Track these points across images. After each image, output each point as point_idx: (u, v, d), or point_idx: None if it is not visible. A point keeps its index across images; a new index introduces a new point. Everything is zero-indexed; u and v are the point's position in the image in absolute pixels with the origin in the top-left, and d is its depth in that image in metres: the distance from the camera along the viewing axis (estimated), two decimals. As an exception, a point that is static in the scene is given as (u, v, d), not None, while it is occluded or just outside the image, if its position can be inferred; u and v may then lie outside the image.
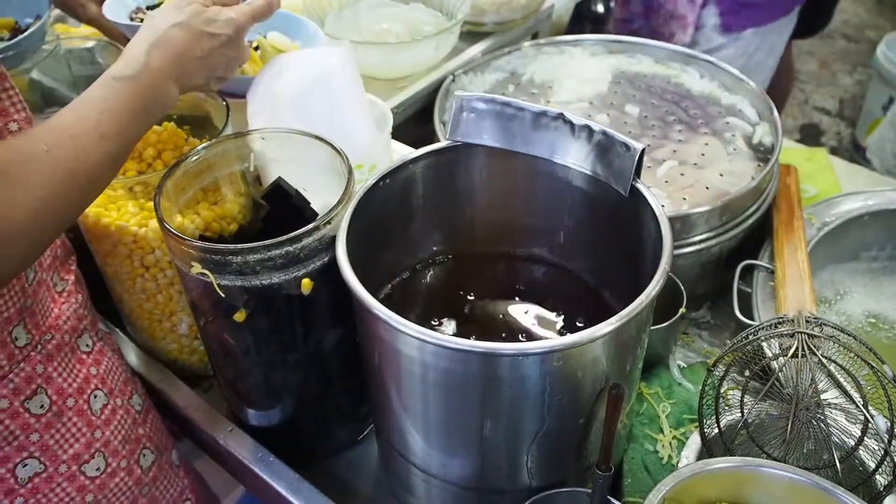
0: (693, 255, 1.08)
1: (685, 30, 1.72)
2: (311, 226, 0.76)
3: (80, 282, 0.91)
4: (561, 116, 0.84)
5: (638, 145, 0.79)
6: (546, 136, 0.85)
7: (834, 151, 3.10)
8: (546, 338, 0.86)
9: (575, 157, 0.84)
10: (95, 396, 0.87)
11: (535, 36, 1.62)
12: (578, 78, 1.36)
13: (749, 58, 1.78)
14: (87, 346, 0.88)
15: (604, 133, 0.82)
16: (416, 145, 1.27)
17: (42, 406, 0.82)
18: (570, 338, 0.65)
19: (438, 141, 1.22)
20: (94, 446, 0.87)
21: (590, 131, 0.83)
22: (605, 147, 0.82)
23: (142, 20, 1.05)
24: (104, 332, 0.93)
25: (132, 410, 0.92)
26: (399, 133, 1.32)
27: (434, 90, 1.35)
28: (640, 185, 0.80)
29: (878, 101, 2.82)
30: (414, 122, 1.39)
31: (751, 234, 1.13)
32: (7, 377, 0.78)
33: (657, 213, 0.76)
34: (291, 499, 0.89)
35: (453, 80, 1.34)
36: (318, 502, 0.88)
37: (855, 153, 2.94)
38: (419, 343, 0.68)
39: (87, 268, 1.00)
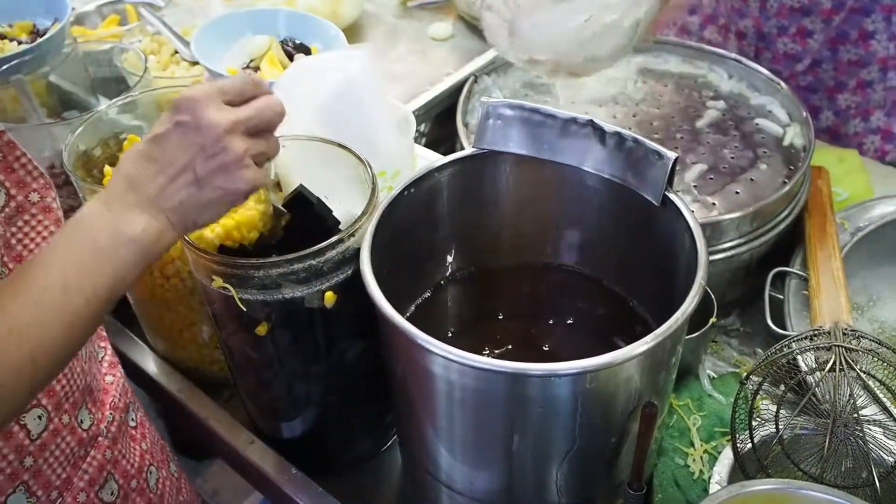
0: (723, 263, 1.05)
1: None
2: (334, 238, 0.74)
3: (114, 349, 0.86)
4: (591, 123, 0.81)
5: (671, 154, 0.77)
6: (575, 144, 0.83)
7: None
8: (577, 356, 0.84)
9: (605, 166, 0.82)
10: (150, 472, 0.84)
11: (558, 34, 1.59)
12: (603, 77, 1.33)
13: None
14: (133, 420, 0.85)
15: (635, 140, 0.79)
16: (438, 147, 1.25)
17: (112, 493, 0.78)
18: (604, 358, 0.63)
19: (461, 142, 1.21)
20: None
21: (620, 139, 0.80)
22: (636, 155, 0.80)
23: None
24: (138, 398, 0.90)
25: (173, 478, 0.90)
26: (421, 135, 1.31)
27: (456, 91, 1.32)
28: (672, 196, 0.78)
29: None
30: (436, 125, 1.37)
31: (782, 240, 1.10)
32: (81, 467, 0.75)
33: (691, 226, 0.74)
34: (314, 513, 0.88)
35: (476, 82, 1.31)
36: (341, 516, 0.87)
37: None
38: (446, 362, 0.66)
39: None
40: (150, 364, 1.03)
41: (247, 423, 0.98)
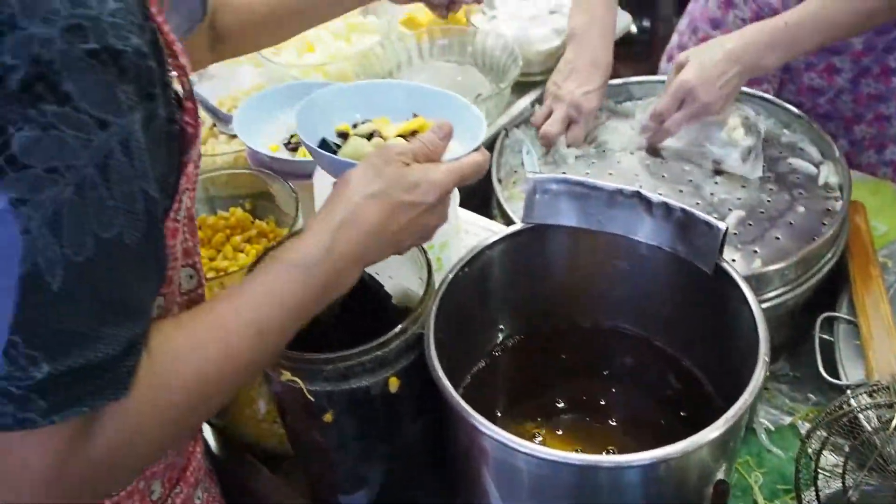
0: (769, 311, 1.05)
1: None
2: (398, 328, 0.75)
3: None
4: (637, 194, 0.83)
5: (721, 224, 0.78)
6: (623, 214, 0.84)
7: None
8: (641, 427, 0.85)
9: (655, 235, 0.83)
10: None
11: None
12: (636, 123, 1.34)
13: None
14: (199, 499, 0.83)
15: (683, 211, 0.81)
16: (471, 201, 1.26)
17: None
18: (676, 447, 0.64)
19: (496, 197, 1.23)
20: None
21: (667, 209, 0.82)
22: (685, 225, 0.81)
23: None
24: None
25: None
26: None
27: (488, 147, 1.33)
28: (726, 265, 0.79)
29: None
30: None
31: (826, 282, 1.11)
32: None
33: (748, 299, 0.75)
34: None
35: (507, 136, 1.33)
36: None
37: None
38: (519, 455, 0.67)
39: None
40: (208, 439, 1.05)
41: (307, 493, 0.99)
